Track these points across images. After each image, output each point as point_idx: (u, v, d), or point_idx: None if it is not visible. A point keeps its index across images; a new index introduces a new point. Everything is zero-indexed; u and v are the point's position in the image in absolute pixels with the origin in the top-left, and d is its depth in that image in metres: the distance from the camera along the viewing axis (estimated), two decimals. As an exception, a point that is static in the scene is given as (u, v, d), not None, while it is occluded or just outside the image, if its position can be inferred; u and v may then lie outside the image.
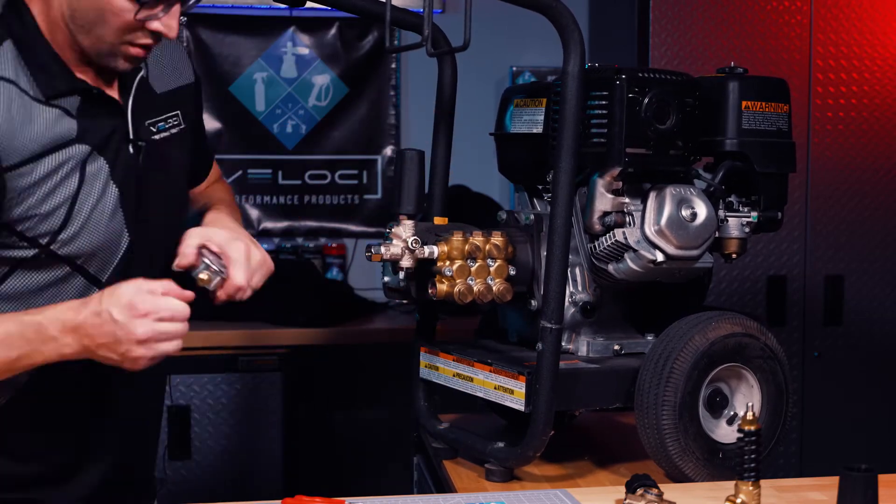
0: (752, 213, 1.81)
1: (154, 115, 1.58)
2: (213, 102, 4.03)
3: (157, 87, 1.61)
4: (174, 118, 1.62)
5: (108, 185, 1.49)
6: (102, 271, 1.50)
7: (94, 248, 1.48)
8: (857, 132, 3.55)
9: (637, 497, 1.44)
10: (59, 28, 1.45)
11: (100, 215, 1.48)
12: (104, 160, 1.48)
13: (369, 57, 4.10)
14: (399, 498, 1.52)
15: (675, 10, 3.43)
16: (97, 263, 1.49)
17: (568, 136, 1.59)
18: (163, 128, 1.59)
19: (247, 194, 4.09)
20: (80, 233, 1.46)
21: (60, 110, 1.44)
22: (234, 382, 3.40)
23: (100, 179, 1.48)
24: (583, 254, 1.77)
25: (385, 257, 1.65)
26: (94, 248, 1.48)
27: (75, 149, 1.45)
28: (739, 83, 1.79)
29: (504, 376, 1.69)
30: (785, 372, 1.73)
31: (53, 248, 1.44)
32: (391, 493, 1.54)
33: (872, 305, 3.60)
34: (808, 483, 1.63)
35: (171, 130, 1.60)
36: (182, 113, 1.64)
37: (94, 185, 1.47)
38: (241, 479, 3.42)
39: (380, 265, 1.73)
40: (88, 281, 1.50)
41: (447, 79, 1.89)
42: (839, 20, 3.51)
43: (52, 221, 1.43)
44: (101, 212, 1.48)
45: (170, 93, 1.63)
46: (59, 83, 1.45)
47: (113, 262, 1.51)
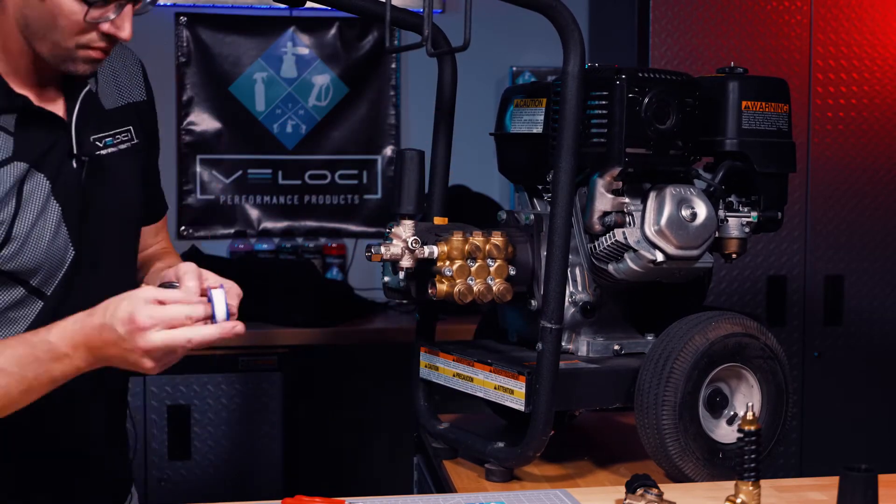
0: (752, 213, 1.81)
1: (102, 130, 1.56)
2: (213, 102, 4.04)
3: (106, 103, 1.59)
4: (124, 133, 1.59)
5: (48, 201, 1.47)
6: (47, 284, 1.49)
7: (38, 264, 1.46)
8: (857, 132, 3.55)
9: (637, 497, 1.44)
10: (12, 38, 1.44)
11: (41, 231, 1.46)
12: (44, 176, 1.46)
13: (369, 57, 4.10)
14: (399, 498, 1.52)
15: (675, 10, 3.43)
16: (41, 277, 1.48)
17: (568, 136, 1.59)
18: (110, 143, 1.56)
19: (247, 194, 4.09)
20: (22, 249, 1.44)
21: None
22: (234, 382, 3.40)
23: (40, 196, 1.46)
24: (583, 254, 1.77)
25: (385, 257, 1.65)
26: (38, 264, 1.46)
27: (12, 167, 1.43)
28: (739, 83, 1.79)
29: (504, 376, 1.69)
30: (785, 372, 1.73)
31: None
32: (391, 493, 1.54)
33: (872, 305, 3.60)
34: (808, 483, 1.62)
35: (120, 146, 1.58)
36: (134, 129, 1.62)
37: (34, 202, 1.45)
38: (241, 479, 3.42)
39: (380, 265, 1.73)
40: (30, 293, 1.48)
41: (447, 79, 1.89)
42: (839, 20, 3.51)
43: None
44: (43, 228, 1.46)
45: (119, 109, 1.61)
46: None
47: (58, 275, 1.49)
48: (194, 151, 4.04)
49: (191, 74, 4.01)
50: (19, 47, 1.45)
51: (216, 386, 3.39)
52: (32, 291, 1.48)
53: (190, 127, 4.02)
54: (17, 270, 1.45)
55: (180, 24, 3.98)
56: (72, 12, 1.39)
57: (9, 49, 1.45)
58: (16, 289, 1.47)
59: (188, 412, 3.37)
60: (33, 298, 1.48)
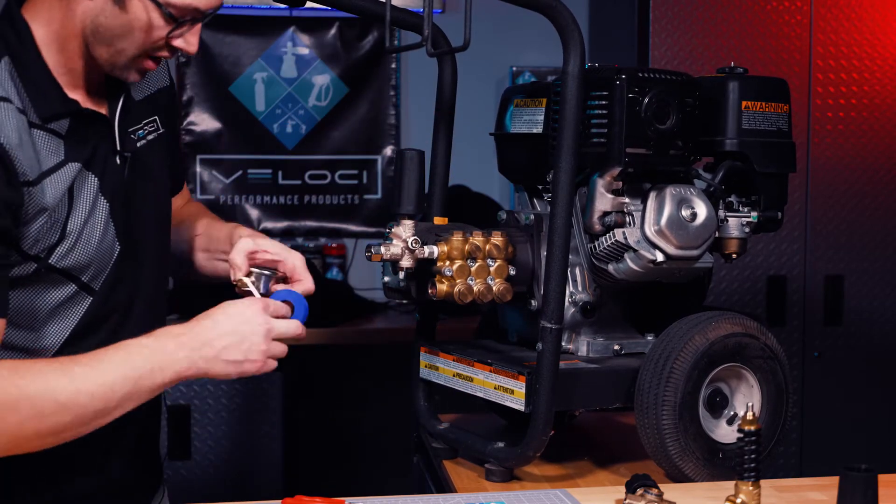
0: (752, 213, 1.81)
1: (135, 123, 1.59)
2: (213, 102, 4.04)
3: (136, 95, 1.62)
4: (152, 124, 1.63)
5: (97, 199, 1.50)
6: (96, 280, 1.52)
7: (89, 260, 1.50)
8: (857, 132, 3.55)
9: (637, 497, 1.44)
10: (73, 40, 1.46)
11: (92, 228, 1.49)
12: (93, 175, 1.50)
13: (369, 57, 4.10)
14: (399, 498, 1.52)
15: (675, 10, 3.43)
16: (91, 273, 1.51)
17: (568, 136, 1.59)
18: (142, 135, 1.60)
19: (247, 194, 4.09)
20: (75, 247, 1.47)
21: (51, 133, 1.45)
22: (234, 382, 3.40)
23: (90, 195, 1.49)
24: (583, 254, 1.77)
25: (385, 257, 1.65)
26: (89, 260, 1.50)
27: (66, 169, 1.46)
28: (739, 83, 1.79)
29: (504, 376, 1.69)
30: (785, 372, 1.73)
31: (52, 262, 1.46)
32: (391, 493, 1.54)
33: (872, 305, 3.60)
34: (808, 483, 1.63)
35: (148, 137, 1.62)
36: (160, 119, 1.66)
37: (86, 200, 1.49)
38: (241, 479, 3.42)
39: (380, 265, 1.73)
40: (81, 289, 1.51)
41: (447, 79, 1.89)
42: (839, 20, 3.51)
43: (49, 237, 1.45)
44: (93, 225, 1.50)
45: (147, 98, 1.64)
46: (54, 106, 1.45)
47: (106, 270, 1.53)
48: (194, 151, 4.04)
49: (191, 74, 4.01)
50: (78, 49, 1.47)
51: (216, 386, 3.39)
52: (83, 287, 1.51)
53: (190, 127, 4.02)
54: (71, 267, 1.48)
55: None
56: (156, 27, 1.43)
57: (66, 49, 1.47)
58: (68, 285, 1.49)
59: (188, 412, 3.37)
60: (83, 294, 1.51)
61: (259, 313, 1.48)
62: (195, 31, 1.47)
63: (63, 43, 1.47)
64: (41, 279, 1.46)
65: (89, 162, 1.49)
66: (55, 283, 1.48)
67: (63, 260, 1.46)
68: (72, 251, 1.47)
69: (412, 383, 1.92)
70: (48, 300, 1.48)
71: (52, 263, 1.45)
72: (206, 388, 3.38)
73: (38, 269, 1.44)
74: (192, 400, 3.38)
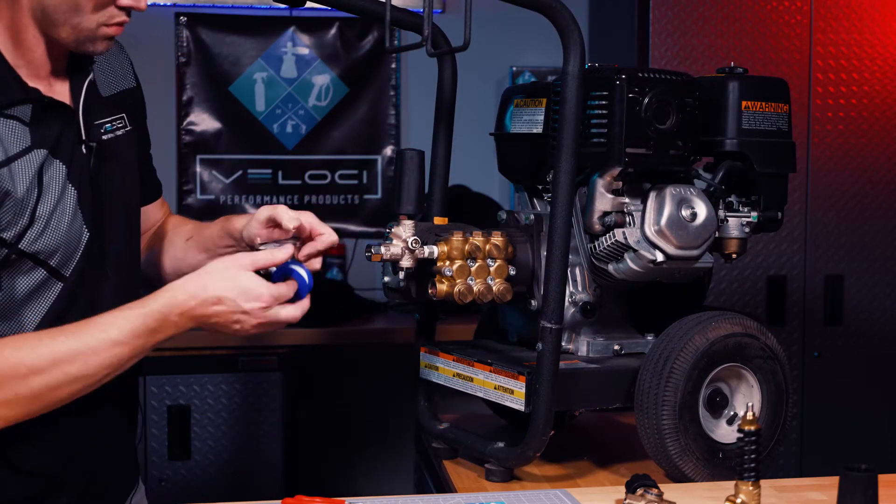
0: (752, 213, 1.81)
1: (102, 117, 1.62)
2: (213, 102, 4.04)
3: (103, 91, 1.65)
4: (119, 120, 1.66)
5: (66, 186, 1.53)
6: (66, 266, 1.55)
7: (57, 245, 1.52)
8: (857, 132, 3.55)
9: (637, 497, 1.44)
10: (27, 28, 1.49)
11: (61, 214, 1.52)
12: (60, 162, 1.52)
13: (369, 57, 4.10)
14: (399, 498, 1.52)
15: (675, 10, 3.43)
16: (60, 258, 1.54)
17: (568, 136, 1.59)
18: (109, 129, 1.63)
19: (247, 194, 4.09)
20: (45, 231, 1.50)
21: (14, 119, 1.48)
22: (234, 382, 3.40)
23: (58, 181, 1.52)
24: (583, 254, 1.77)
25: (385, 257, 1.65)
26: (57, 245, 1.52)
27: (33, 155, 1.49)
28: (739, 83, 1.79)
29: (504, 376, 1.69)
30: (785, 372, 1.73)
31: (21, 247, 1.48)
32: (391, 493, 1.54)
33: (872, 305, 3.60)
34: (808, 483, 1.63)
35: (117, 132, 1.65)
36: (127, 116, 1.69)
37: (54, 187, 1.51)
38: (241, 479, 3.42)
39: (380, 265, 1.73)
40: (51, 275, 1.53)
41: (447, 79, 1.89)
42: (839, 20, 3.51)
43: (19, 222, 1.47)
44: (63, 211, 1.52)
45: (114, 96, 1.67)
46: (12, 92, 1.48)
47: (75, 257, 1.55)
48: (194, 151, 4.04)
49: (191, 74, 4.01)
50: (33, 38, 1.50)
51: (216, 386, 3.39)
52: (52, 273, 1.53)
53: (190, 127, 4.02)
54: (39, 251, 1.50)
55: (180, 24, 3.98)
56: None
57: (21, 41, 1.50)
58: (37, 271, 1.51)
59: (188, 412, 3.37)
60: (53, 281, 1.53)
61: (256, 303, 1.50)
62: None
63: (17, 35, 1.50)
64: (12, 266, 1.48)
65: (55, 149, 1.51)
66: (26, 269, 1.50)
67: (33, 244, 1.49)
68: (41, 236, 1.49)
69: (412, 383, 1.92)
70: (20, 287, 1.50)
71: (21, 248, 1.48)
72: (206, 388, 3.38)
73: (8, 254, 1.47)
74: (192, 400, 3.38)
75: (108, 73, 1.68)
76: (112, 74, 1.68)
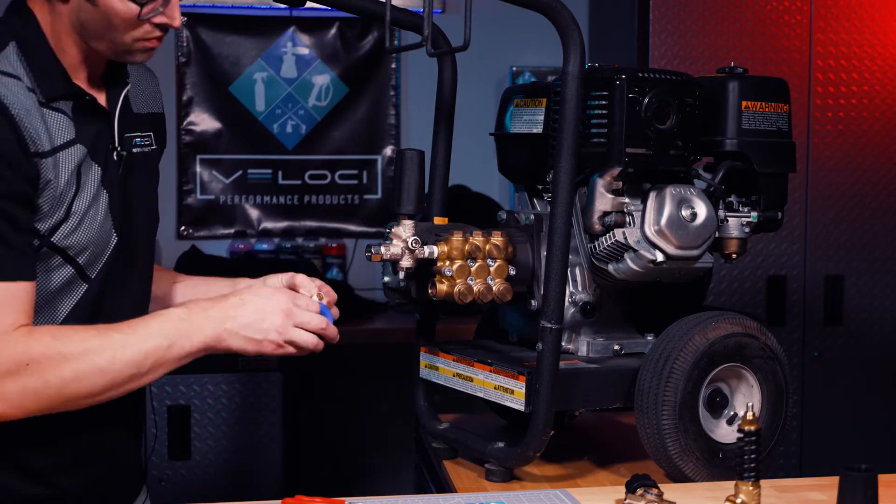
0: (752, 213, 1.81)
1: (133, 130, 1.64)
2: (213, 102, 4.04)
3: (134, 107, 1.67)
4: (147, 138, 1.68)
5: (99, 188, 1.55)
6: (92, 267, 1.55)
7: (88, 243, 1.53)
8: (857, 132, 3.55)
9: (637, 497, 1.44)
10: (67, 36, 1.52)
11: (95, 213, 1.53)
12: (96, 164, 1.54)
13: (369, 57, 4.10)
14: (399, 498, 1.52)
15: (675, 10, 3.43)
16: (88, 257, 1.54)
17: (568, 136, 1.59)
18: (139, 143, 1.65)
19: (247, 194, 4.09)
20: (78, 227, 1.51)
21: (60, 112, 1.51)
22: (234, 382, 3.40)
23: (94, 182, 1.54)
24: (583, 254, 1.77)
25: (385, 257, 1.65)
26: (88, 243, 1.53)
27: (75, 149, 1.51)
28: (739, 83, 1.79)
29: (504, 376, 1.69)
30: (785, 372, 1.73)
31: (54, 240, 1.49)
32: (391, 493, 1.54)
33: (872, 305, 3.60)
34: (808, 483, 1.62)
35: (144, 148, 1.67)
36: (154, 136, 1.71)
37: (90, 185, 1.53)
38: (241, 479, 3.42)
39: (380, 265, 1.73)
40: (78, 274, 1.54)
41: (447, 79, 1.89)
42: (839, 20, 3.51)
43: (56, 214, 1.49)
44: (97, 210, 1.54)
45: (145, 115, 1.70)
46: (58, 86, 1.51)
47: (102, 259, 1.56)
48: (194, 151, 4.04)
49: (191, 74, 4.01)
50: (74, 46, 1.53)
51: (216, 386, 3.39)
52: (79, 272, 1.54)
53: (190, 127, 4.02)
54: (70, 246, 1.51)
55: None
56: (125, 12, 1.48)
57: (63, 48, 1.53)
58: (65, 268, 1.52)
59: (188, 412, 3.37)
60: (79, 281, 1.54)
61: (284, 299, 1.54)
62: (173, 4, 1.52)
63: (58, 41, 1.53)
64: (41, 259, 1.49)
65: (93, 150, 1.54)
66: (54, 265, 1.51)
67: (66, 239, 1.50)
68: (75, 231, 1.51)
69: (412, 383, 1.92)
70: (45, 284, 1.51)
71: (54, 241, 1.49)
72: (206, 388, 3.38)
73: (40, 245, 1.48)
74: (192, 400, 3.38)
75: (140, 93, 1.70)
76: (144, 95, 1.71)
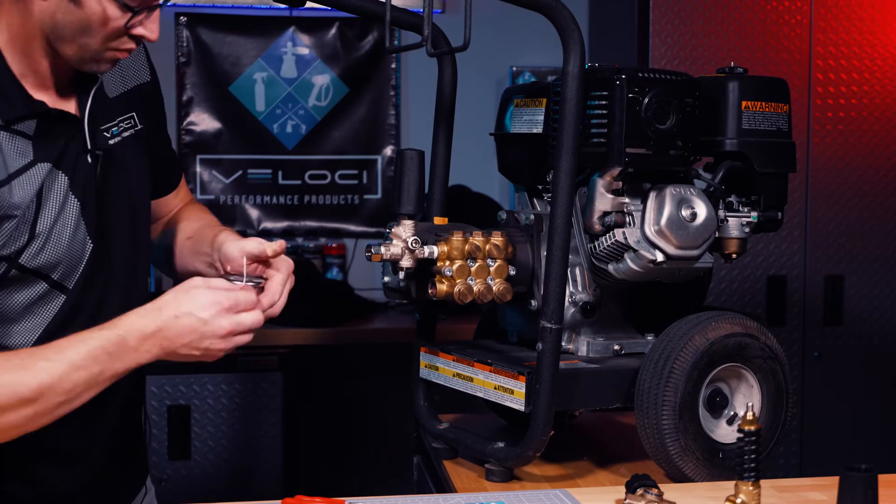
0: (752, 213, 1.81)
1: (107, 121, 1.59)
2: (213, 102, 4.04)
3: (110, 92, 1.61)
4: (128, 121, 1.62)
5: (67, 197, 1.50)
6: (68, 279, 1.52)
7: (59, 259, 1.49)
8: (857, 132, 3.55)
9: (637, 497, 1.44)
10: (34, 41, 1.46)
11: (62, 228, 1.49)
12: (62, 174, 1.49)
13: (369, 57, 4.10)
14: (399, 498, 1.52)
15: (675, 10, 3.43)
16: (62, 272, 1.51)
17: (568, 136, 1.59)
18: (115, 132, 1.60)
19: (247, 194, 4.09)
20: (45, 247, 1.47)
21: (18, 134, 1.45)
22: (234, 382, 3.40)
23: (59, 194, 1.49)
24: (583, 254, 1.77)
25: (385, 257, 1.65)
26: (59, 259, 1.49)
27: (36, 169, 1.46)
28: (739, 83, 1.79)
29: (504, 376, 1.69)
30: (785, 372, 1.73)
31: (22, 262, 1.46)
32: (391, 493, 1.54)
33: (872, 305, 3.60)
34: (808, 483, 1.63)
35: (123, 134, 1.61)
36: (137, 114, 1.65)
37: (54, 200, 1.48)
38: (241, 479, 3.42)
39: (380, 265, 1.73)
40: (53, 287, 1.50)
41: (447, 79, 1.89)
42: (839, 20, 3.51)
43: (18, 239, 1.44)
44: (63, 224, 1.49)
45: (123, 95, 1.64)
46: (17, 108, 1.46)
47: (78, 269, 1.53)
48: (194, 151, 4.04)
49: (191, 74, 4.01)
50: (41, 50, 1.47)
51: (216, 386, 3.39)
52: (54, 286, 1.51)
53: (190, 127, 4.02)
54: (41, 266, 1.48)
55: (180, 24, 3.99)
56: (113, 18, 1.42)
57: (28, 51, 1.47)
58: (38, 284, 1.49)
59: (188, 412, 3.37)
60: (55, 293, 1.51)
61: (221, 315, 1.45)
62: (154, 17, 1.46)
63: (24, 45, 1.47)
64: (12, 279, 1.46)
65: (59, 161, 1.49)
66: (26, 282, 1.48)
67: (34, 260, 1.46)
68: (42, 251, 1.47)
69: (412, 383, 1.92)
70: (18, 299, 1.48)
71: (22, 264, 1.45)
72: (206, 388, 3.38)
73: (7, 268, 1.45)
74: (192, 400, 3.38)
75: (118, 71, 1.64)
76: (123, 71, 1.65)
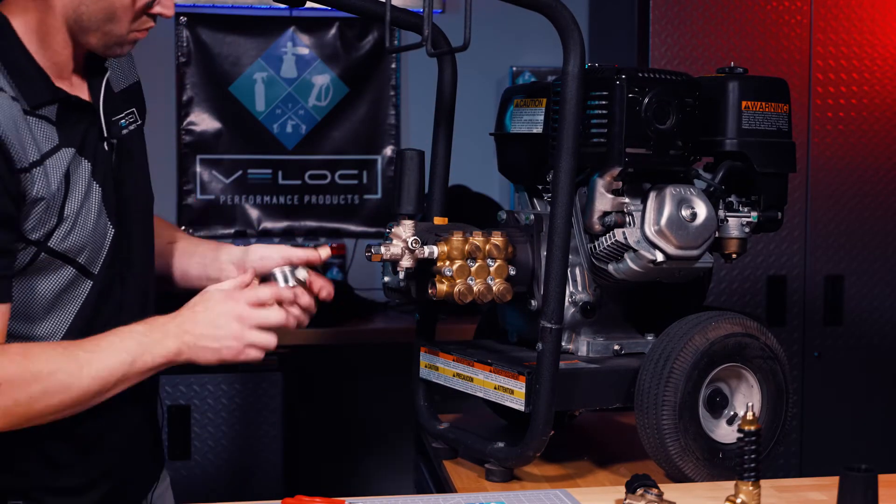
0: (752, 213, 1.81)
1: (118, 113, 1.65)
2: (213, 102, 4.04)
3: (115, 86, 1.67)
4: (130, 115, 1.68)
5: (91, 183, 1.55)
6: (93, 263, 1.56)
7: (85, 242, 1.54)
8: (857, 132, 3.55)
9: (637, 497, 1.44)
10: (57, 32, 1.51)
11: (87, 212, 1.54)
12: (86, 160, 1.54)
13: (369, 57, 4.10)
14: (399, 498, 1.52)
15: (675, 10, 3.43)
16: (87, 255, 1.55)
17: (568, 136, 1.59)
18: (124, 124, 1.65)
19: (247, 194, 4.09)
20: (73, 229, 1.52)
21: (44, 119, 1.50)
22: (234, 382, 3.40)
23: (84, 179, 1.54)
24: (583, 254, 1.77)
25: (385, 257, 1.65)
26: (85, 242, 1.54)
27: (62, 153, 1.51)
28: (739, 83, 1.79)
29: (504, 376, 1.69)
30: (785, 372, 1.73)
31: (51, 245, 1.50)
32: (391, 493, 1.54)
33: (872, 305, 3.60)
34: (808, 483, 1.63)
35: (130, 127, 1.67)
36: (136, 110, 1.71)
37: (80, 185, 1.53)
38: (241, 479, 3.42)
39: (380, 265, 1.73)
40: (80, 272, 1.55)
41: (447, 79, 1.89)
42: (839, 20, 3.51)
43: (48, 221, 1.49)
44: (88, 209, 1.54)
45: (124, 91, 1.69)
46: (42, 93, 1.50)
47: (102, 254, 1.57)
48: (194, 151, 4.04)
49: (191, 74, 4.01)
50: (62, 41, 1.52)
51: (216, 386, 3.39)
52: (81, 271, 1.55)
53: (190, 127, 4.02)
54: (68, 249, 1.52)
55: (180, 24, 3.99)
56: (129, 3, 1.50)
57: (48, 44, 1.52)
58: (66, 269, 1.53)
59: (188, 412, 3.37)
60: (83, 279, 1.55)
61: (235, 304, 1.54)
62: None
63: (44, 38, 1.51)
64: (41, 265, 1.50)
65: (81, 147, 1.54)
66: (54, 268, 1.52)
67: (62, 243, 1.50)
68: (69, 234, 1.51)
69: (412, 383, 1.92)
70: (48, 287, 1.52)
71: (51, 247, 1.49)
72: (206, 388, 3.38)
73: (37, 252, 1.48)
74: (192, 400, 3.38)
75: (118, 69, 1.69)
76: (121, 70, 1.70)
